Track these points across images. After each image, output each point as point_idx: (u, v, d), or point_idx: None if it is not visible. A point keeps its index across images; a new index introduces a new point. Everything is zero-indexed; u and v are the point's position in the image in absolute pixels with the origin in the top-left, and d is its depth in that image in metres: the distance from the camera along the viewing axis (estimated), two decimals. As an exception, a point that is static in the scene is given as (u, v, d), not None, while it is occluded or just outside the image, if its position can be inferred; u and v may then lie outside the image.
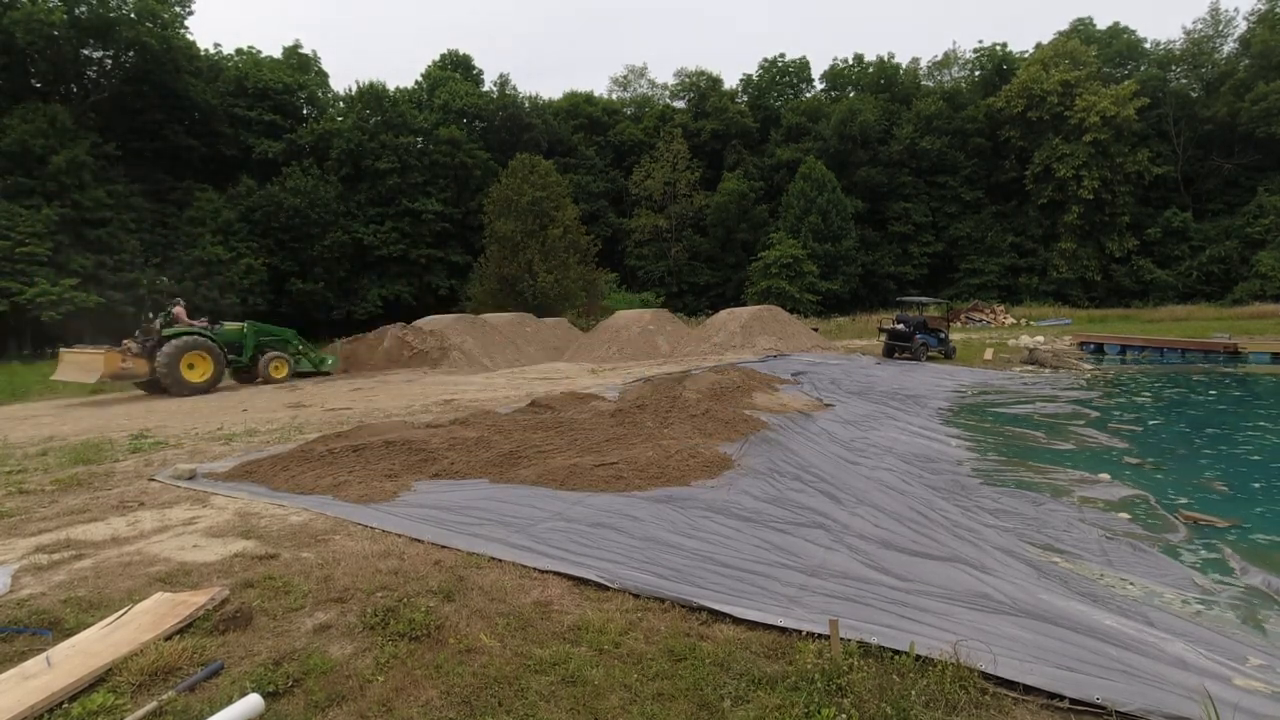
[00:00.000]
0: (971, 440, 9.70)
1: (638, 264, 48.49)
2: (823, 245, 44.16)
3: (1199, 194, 47.46)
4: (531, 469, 6.19)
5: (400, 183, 43.12)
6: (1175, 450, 9.17)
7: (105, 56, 38.05)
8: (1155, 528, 5.96)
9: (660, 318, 23.41)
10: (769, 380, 12.76)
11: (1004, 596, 3.99)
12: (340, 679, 2.93)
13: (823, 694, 2.78)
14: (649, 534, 4.75)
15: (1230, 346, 20.17)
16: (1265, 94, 42.11)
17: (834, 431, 9.15)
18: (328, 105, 49.50)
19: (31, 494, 6.15)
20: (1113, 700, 2.74)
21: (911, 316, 21.50)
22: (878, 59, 56.17)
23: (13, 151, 31.56)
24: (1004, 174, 49.27)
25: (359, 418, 10.14)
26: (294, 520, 5.20)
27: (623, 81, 60.95)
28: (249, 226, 39.26)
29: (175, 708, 2.70)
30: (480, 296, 35.06)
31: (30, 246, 29.87)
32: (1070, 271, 44.77)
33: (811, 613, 3.55)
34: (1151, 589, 4.62)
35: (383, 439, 7.46)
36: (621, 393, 11.23)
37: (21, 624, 3.43)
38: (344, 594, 3.78)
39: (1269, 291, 39.00)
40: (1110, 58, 50.14)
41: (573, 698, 2.82)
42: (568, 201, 37.19)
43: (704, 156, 50.84)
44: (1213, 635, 3.83)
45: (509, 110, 49.04)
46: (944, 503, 6.35)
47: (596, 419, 7.64)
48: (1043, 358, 19.74)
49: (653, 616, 3.57)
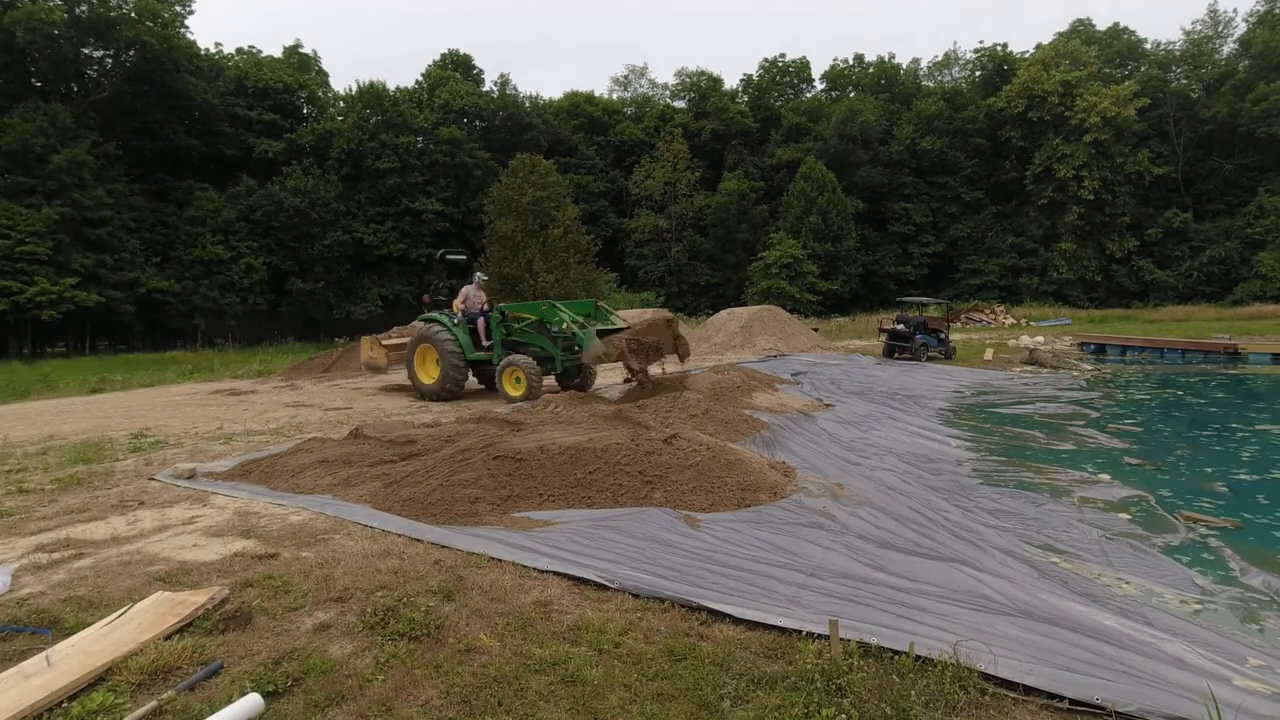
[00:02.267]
0: (971, 440, 9.70)
1: (638, 264, 48.49)
2: (823, 245, 44.16)
3: (1199, 194, 47.47)
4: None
5: (400, 182, 43.12)
6: (1175, 451, 9.17)
7: (105, 56, 38.07)
8: (1155, 528, 5.96)
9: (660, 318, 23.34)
10: (769, 380, 12.76)
11: (1004, 597, 3.99)
12: (340, 678, 2.93)
13: (822, 694, 2.77)
14: (649, 533, 4.75)
15: (1230, 347, 20.17)
16: (1265, 94, 42.12)
17: (834, 431, 9.15)
18: (328, 105, 49.50)
19: (31, 493, 6.15)
20: (1112, 701, 2.74)
21: (912, 317, 21.49)
22: (878, 59, 56.29)
23: (13, 151, 31.57)
24: (1004, 174, 49.27)
25: (359, 417, 10.14)
26: (294, 520, 5.21)
27: (623, 81, 61.05)
28: (249, 226, 39.26)
29: (175, 707, 2.70)
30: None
31: (30, 246, 29.88)
32: (1070, 272, 44.78)
33: (811, 613, 3.55)
34: (1151, 589, 4.62)
35: (384, 438, 7.47)
36: (622, 393, 11.23)
37: (21, 623, 3.43)
38: (344, 593, 3.78)
39: (1269, 292, 39.01)
40: (1110, 58, 50.15)
41: (572, 697, 2.82)
42: (568, 201, 37.21)
43: (704, 156, 50.84)
44: (1212, 636, 3.83)
45: (509, 110, 49.04)
46: (944, 503, 6.35)
47: (594, 420, 7.64)
48: (1043, 358, 19.74)
49: (652, 616, 3.58)
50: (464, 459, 6.03)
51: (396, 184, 43.04)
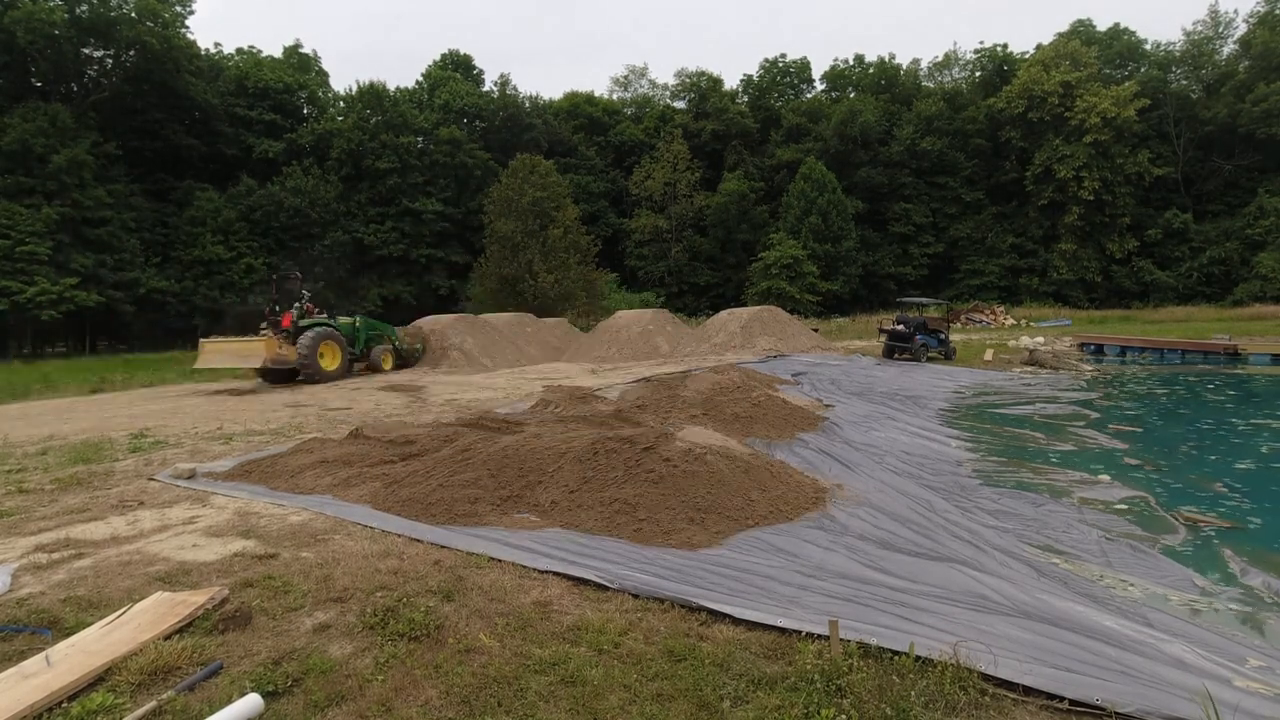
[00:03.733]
0: (971, 441, 9.70)
1: (638, 264, 48.50)
2: (823, 246, 44.16)
3: (1199, 195, 47.48)
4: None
5: (400, 183, 43.14)
6: (1175, 451, 9.17)
7: (106, 56, 38.10)
8: (1155, 528, 5.95)
9: (660, 318, 23.40)
10: (769, 381, 12.77)
11: (1003, 597, 3.99)
12: (340, 679, 2.93)
13: (822, 694, 2.77)
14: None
15: (1230, 348, 20.15)
16: (1265, 95, 42.13)
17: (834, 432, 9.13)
18: (328, 105, 49.54)
19: (31, 493, 6.15)
20: (1112, 701, 2.74)
21: (911, 317, 21.48)
22: (878, 60, 56.31)
23: (13, 151, 31.59)
24: (1004, 175, 49.29)
25: (359, 418, 10.14)
26: (293, 520, 5.20)
27: (623, 82, 61.12)
28: (249, 226, 39.29)
29: (174, 707, 2.70)
30: (480, 296, 35.07)
31: (30, 246, 29.89)
32: (1070, 272, 44.79)
33: (811, 613, 3.55)
34: (1151, 590, 4.62)
35: (384, 438, 7.47)
36: (622, 393, 11.24)
37: (21, 623, 3.43)
38: (344, 594, 3.78)
39: (1269, 293, 38.99)
40: (1110, 59, 50.16)
41: (572, 698, 2.82)
42: (568, 202, 37.21)
43: (704, 157, 50.86)
44: (1212, 636, 3.82)
45: (509, 110, 49.07)
46: (944, 503, 6.35)
47: (592, 420, 7.65)
48: (1043, 359, 19.74)
49: (652, 616, 3.57)
50: (464, 459, 6.04)
51: (396, 184, 43.06)
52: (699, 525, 4.88)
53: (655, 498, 5.15)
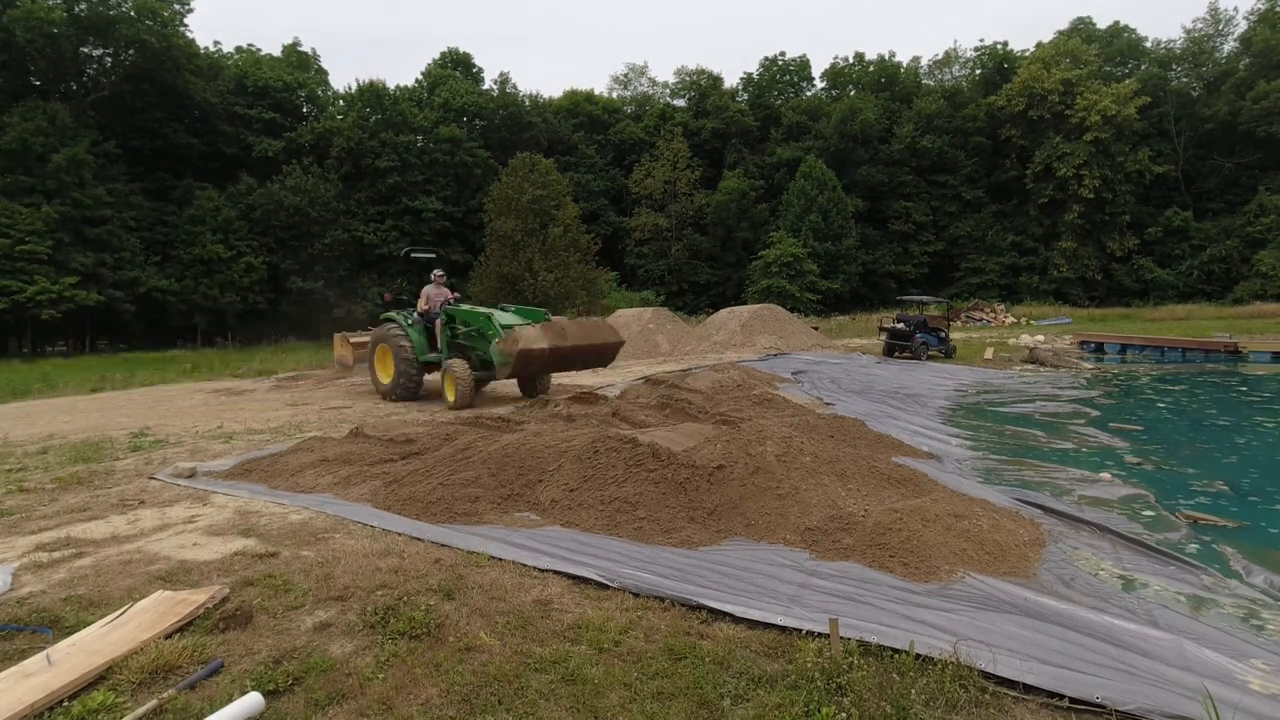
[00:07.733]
0: (972, 439, 9.69)
1: (638, 263, 48.47)
2: (823, 244, 44.13)
3: (1200, 193, 47.44)
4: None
5: (400, 181, 43.09)
6: (1176, 449, 9.17)
7: (105, 55, 38.07)
8: (1156, 527, 5.95)
9: (660, 316, 23.40)
10: (769, 379, 12.77)
11: (1004, 595, 3.99)
12: (340, 677, 2.93)
13: (822, 693, 2.78)
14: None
15: (1231, 346, 20.14)
16: (1266, 93, 42.08)
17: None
18: (327, 104, 49.49)
19: (32, 492, 6.15)
20: (1113, 699, 2.74)
21: (912, 315, 21.49)
22: (878, 58, 56.17)
23: (12, 150, 31.58)
24: (1004, 173, 49.26)
25: (359, 417, 10.14)
26: (294, 519, 5.21)
27: (623, 80, 60.98)
28: (249, 225, 39.26)
29: (175, 706, 2.70)
30: (480, 295, 35.04)
31: (30, 245, 29.89)
32: (1071, 271, 44.76)
33: (811, 611, 3.55)
34: (1153, 588, 4.61)
35: (384, 437, 7.47)
36: (622, 391, 11.24)
37: (22, 622, 3.43)
38: (344, 592, 3.78)
39: (1270, 291, 38.95)
40: (1111, 57, 50.10)
41: (572, 696, 2.82)
42: (568, 200, 37.16)
43: (704, 155, 50.81)
44: (1214, 634, 3.82)
45: (509, 109, 49.02)
46: (944, 502, 6.34)
47: (590, 421, 7.65)
48: (1043, 357, 19.74)
49: (652, 615, 3.58)
50: (464, 458, 6.03)
51: (396, 183, 43.01)
52: (699, 524, 4.88)
53: (655, 497, 5.14)
